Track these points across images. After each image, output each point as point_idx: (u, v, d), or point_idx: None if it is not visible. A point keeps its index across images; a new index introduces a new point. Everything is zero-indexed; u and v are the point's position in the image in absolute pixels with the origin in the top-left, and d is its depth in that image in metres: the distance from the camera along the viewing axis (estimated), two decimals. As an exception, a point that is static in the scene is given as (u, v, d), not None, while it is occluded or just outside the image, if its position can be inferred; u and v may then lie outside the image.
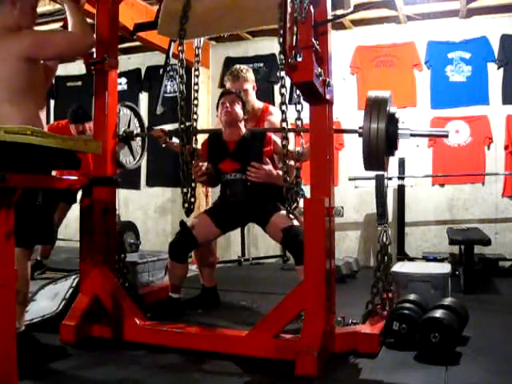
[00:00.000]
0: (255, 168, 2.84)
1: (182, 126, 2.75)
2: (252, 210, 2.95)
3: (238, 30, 2.69)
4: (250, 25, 2.56)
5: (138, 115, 3.28)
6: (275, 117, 3.18)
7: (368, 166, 2.41)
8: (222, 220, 2.99)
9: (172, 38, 2.88)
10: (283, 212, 2.83)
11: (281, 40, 2.02)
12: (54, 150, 1.80)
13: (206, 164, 2.99)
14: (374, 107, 2.33)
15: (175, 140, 3.00)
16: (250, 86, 3.27)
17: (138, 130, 3.27)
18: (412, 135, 2.48)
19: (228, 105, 2.89)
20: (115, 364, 2.29)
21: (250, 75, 3.28)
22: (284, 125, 2.51)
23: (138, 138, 3.25)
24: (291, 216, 2.75)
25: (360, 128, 2.37)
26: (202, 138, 3.16)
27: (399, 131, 2.42)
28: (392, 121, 2.38)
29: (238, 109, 2.91)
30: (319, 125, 2.33)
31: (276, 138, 2.91)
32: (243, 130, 2.96)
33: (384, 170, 2.46)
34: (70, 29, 2.38)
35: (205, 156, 3.04)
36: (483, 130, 4.97)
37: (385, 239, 2.64)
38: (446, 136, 2.53)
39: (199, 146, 3.01)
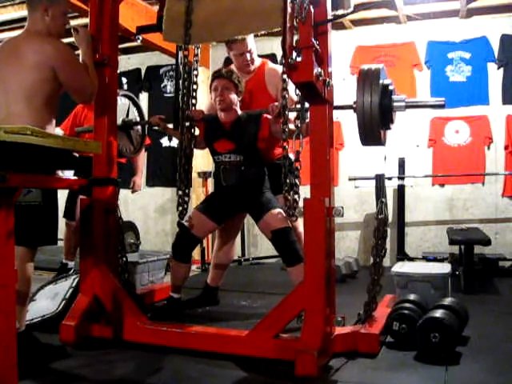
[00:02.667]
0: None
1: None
2: (246, 197, 2.92)
3: (242, 34, 2.70)
4: (254, 29, 2.56)
5: (136, 104, 3.31)
6: (275, 71, 3.17)
7: (364, 140, 2.39)
8: (214, 213, 2.97)
9: (178, 44, 2.89)
10: (276, 210, 2.82)
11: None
12: (53, 150, 1.80)
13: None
14: (367, 80, 2.30)
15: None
16: (253, 45, 3.22)
17: (137, 118, 3.30)
18: (407, 106, 2.44)
19: (220, 92, 2.86)
20: (115, 364, 2.29)
21: (250, 36, 3.19)
22: (285, 128, 2.51)
23: (138, 127, 3.27)
24: (284, 215, 2.76)
25: (354, 103, 2.35)
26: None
27: (394, 103, 2.39)
28: (386, 93, 2.35)
29: (232, 94, 2.88)
30: (319, 125, 2.33)
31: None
32: (239, 111, 2.95)
33: (381, 144, 2.44)
34: None
35: (201, 135, 3.05)
36: (483, 130, 4.97)
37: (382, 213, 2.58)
38: (443, 106, 2.51)
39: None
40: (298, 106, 2.51)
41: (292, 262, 2.77)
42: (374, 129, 2.32)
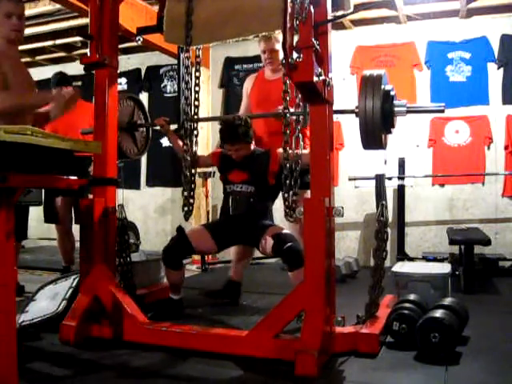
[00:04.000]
0: None
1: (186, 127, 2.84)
2: (250, 227, 2.99)
3: (242, 35, 2.72)
4: (255, 31, 2.58)
5: (141, 107, 3.35)
6: None
7: (366, 144, 2.41)
8: (219, 236, 3.03)
9: (179, 45, 2.90)
10: (275, 226, 2.97)
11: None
12: (53, 149, 1.80)
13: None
14: (369, 85, 2.33)
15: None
16: (280, 46, 3.38)
17: (142, 121, 3.34)
18: (408, 111, 2.48)
19: (235, 154, 2.98)
20: (115, 364, 2.29)
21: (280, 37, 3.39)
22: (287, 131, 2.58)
23: (142, 129, 3.31)
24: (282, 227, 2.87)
25: (356, 108, 2.37)
26: (201, 141, 3.22)
27: (395, 108, 2.42)
28: (387, 98, 2.38)
29: (245, 150, 2.98)
30: (319, 125, 2.33)
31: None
32: (252, 147, 3.05)
33: (382, 148, 2.46)
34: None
35: (216, 164, 3.18)
36: (483, 130, 4.97)
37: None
38: (442, 111, 2.56)
39: (199, 152, 3.12)
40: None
41: (295, 264, 2.75)
42: (375, 133, 2.34)
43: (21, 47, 5.89)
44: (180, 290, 3.10)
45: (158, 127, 3.17)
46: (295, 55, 2.03)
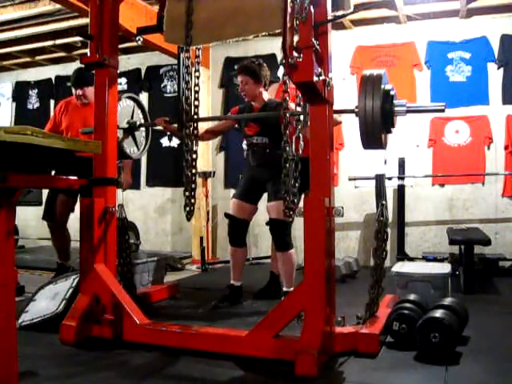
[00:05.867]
0: None
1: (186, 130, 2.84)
2: (268, 176, 3.21)
3: (242, 35, 2.72)
4: (254, 31, 2.58)
5: (141, 106, 3.35)
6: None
7: (366, 144, 2.41)
8: (248, 195, 3.32)
9: (179, 45, 2.90)
10: (278, 202, 3.01)
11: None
12: (54, 149, 1.80)
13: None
14: (369, 85, 2.33)
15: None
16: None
17: (142, 120, 3.34)
18: (408, 111, 2.48)
19: (241, 87, 3.26)
20: (115, 364, 2.29)
21: None
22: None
23: (142, 129, 3.34)
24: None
25: (356, 107, 2.37)
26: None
27: (395, 108, 2.43)
28: (387, 98, 2.38)
29: (250, 86, 3.22)
30: (319, 125, 2.33)
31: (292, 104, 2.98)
32: (266, 98, 3.29)
33: (382, 148, 2.46)
34: None
35: (235, 122, 3.39)
36: (483, 130, 4.97)
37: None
38: (443, 110, 2.56)
39: (199, 152, 3.26)
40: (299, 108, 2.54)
41: (280, 248, 3.18)
42: (375, 133, 2.34)
43: (21, 47, 5.95)
44: (241, 274, 3.31)
45: (158, 127, 3.18)
46: (295, 55, 2.03)
